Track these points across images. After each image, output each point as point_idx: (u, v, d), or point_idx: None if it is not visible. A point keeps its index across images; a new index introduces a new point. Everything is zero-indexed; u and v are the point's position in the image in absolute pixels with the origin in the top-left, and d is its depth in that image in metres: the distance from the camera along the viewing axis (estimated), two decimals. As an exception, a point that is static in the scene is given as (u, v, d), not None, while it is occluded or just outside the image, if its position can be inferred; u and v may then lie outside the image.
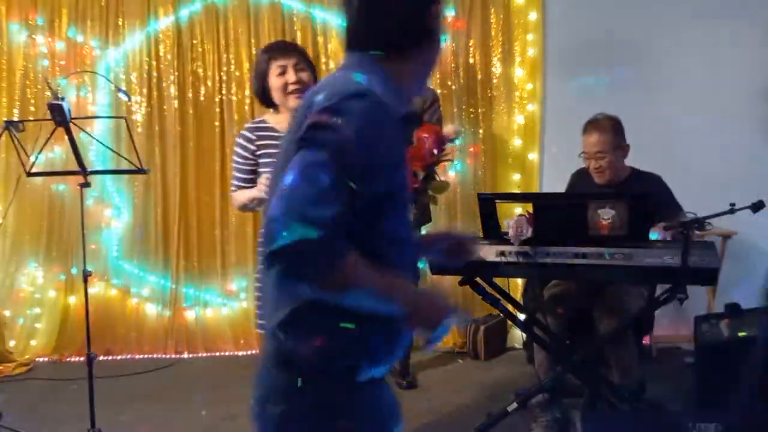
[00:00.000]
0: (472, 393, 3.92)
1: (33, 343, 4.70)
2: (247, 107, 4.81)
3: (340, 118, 1.29)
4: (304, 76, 2.57)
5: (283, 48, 2.65)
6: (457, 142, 2.80)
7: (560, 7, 4.80)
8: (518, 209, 4.07)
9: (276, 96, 2.62)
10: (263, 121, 2.72)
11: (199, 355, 4.76)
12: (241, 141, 2.70)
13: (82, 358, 3.90)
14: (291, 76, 2.56)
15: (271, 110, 2.74)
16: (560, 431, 3.24)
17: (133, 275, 4.83)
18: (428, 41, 1.49)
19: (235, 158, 2.70)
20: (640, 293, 3.34)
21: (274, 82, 2.59)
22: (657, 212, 3.06)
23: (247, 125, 2.79)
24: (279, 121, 2.65)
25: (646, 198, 2.92)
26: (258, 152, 2.67)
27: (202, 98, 4.82)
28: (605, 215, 3.08)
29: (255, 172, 2.68)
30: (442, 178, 3.44)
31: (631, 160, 3.50)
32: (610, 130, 3.40)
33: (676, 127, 4.67)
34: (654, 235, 2.98)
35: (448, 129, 2.82)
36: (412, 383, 4.03)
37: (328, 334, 1.37)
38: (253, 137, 2.66)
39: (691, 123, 4.66)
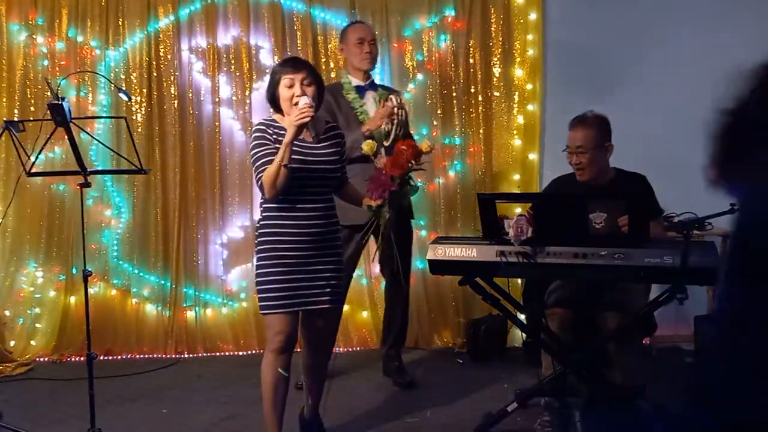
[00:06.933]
0: (472, 393, 3.92)
1: (33, 343, 4.69)
2: (246, 107, 4.81)
3: None
4: (309, 90, 2.83)
5: (294, 63, 2.91)
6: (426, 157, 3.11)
7: (560, 7, 4.80)
8: (518, 209, 4.08)
9: (283, 105, 2.88)
10: (275, 121, 2.94)
11: (199, 355, 4.76)
12: (261, 129, 2.88)
13: (82, 358, 3.91)
14: (297, 90, 2.82)
15: (279, 115, 2.94)
16: (560, 431, 3.24)
17: (133, 275, 4.82)
18: None
19: (260, 142, 2.85)
20: (642, 291, 3.34)
21: (283, 92, 2.86)
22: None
23: (262, 120, 2.99)
24: (287, 125, 2.83)
25: (643, 198, 2.92)
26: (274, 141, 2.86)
27: (201, 98, 4.83)
28: (597, 220, 3.09)
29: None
30: (419, 182, 3.70)
31: (632, 160, 3.49)
32: (595, 127, 3.36)
33: (676, 126, 4.66)
34: None
35: (424, 143, 3.09)
36: (412, 383, 4.03)
37: None
38: (270, 131, 2.87)
39: (691, 122, 4.64)
